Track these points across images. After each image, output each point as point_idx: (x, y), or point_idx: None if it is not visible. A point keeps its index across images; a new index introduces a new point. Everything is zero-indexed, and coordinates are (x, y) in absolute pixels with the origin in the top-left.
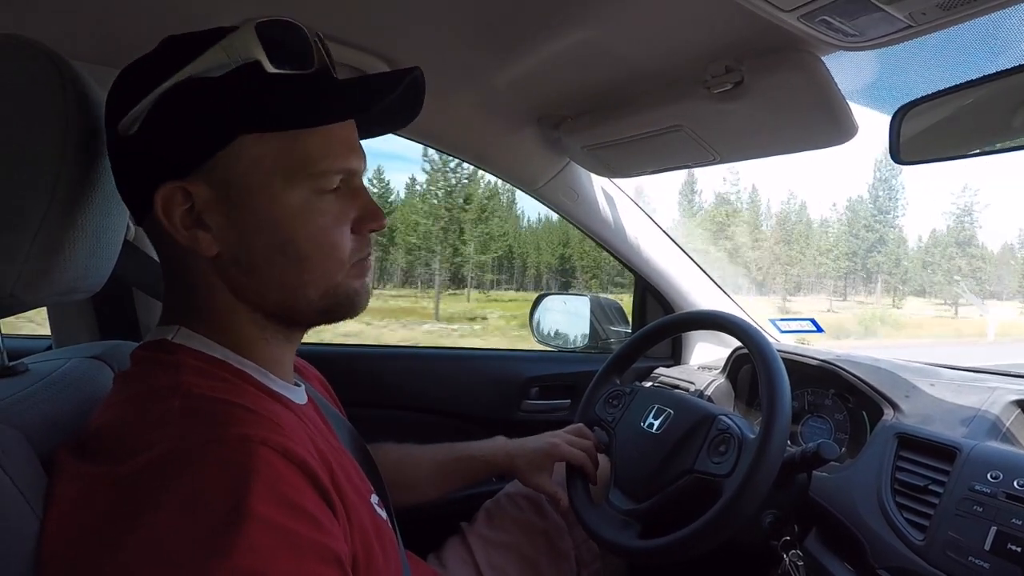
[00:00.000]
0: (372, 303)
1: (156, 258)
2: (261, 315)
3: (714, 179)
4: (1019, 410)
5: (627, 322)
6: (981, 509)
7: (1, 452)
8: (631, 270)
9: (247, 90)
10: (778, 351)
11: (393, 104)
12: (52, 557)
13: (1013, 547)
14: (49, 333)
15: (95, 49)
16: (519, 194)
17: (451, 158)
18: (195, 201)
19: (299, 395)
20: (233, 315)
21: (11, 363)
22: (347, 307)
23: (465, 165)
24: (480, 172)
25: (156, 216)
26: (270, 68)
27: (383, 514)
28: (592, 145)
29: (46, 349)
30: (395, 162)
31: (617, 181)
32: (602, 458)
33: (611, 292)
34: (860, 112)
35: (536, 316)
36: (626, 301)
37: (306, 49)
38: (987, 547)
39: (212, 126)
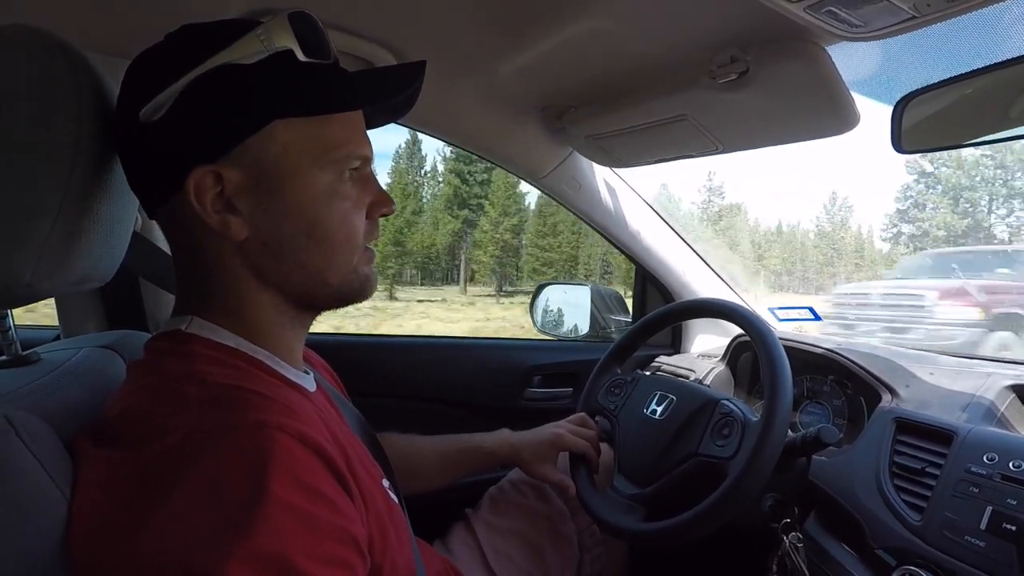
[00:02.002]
0: None
1: (163, 248)
2: (281, 299)
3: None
4: (1014, 395)
5: (627, 311)
6: (977, 490)
7: (29, 438)
8: (632, 259)
9: (281, 77)
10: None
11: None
12: (79, 540)
13: (1008, 526)
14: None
15: (106, 39)
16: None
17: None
18: (225, 185)
19: (309, 382)
20: (253, 301)
21: (24, 352)
22: (360, 292)
23: None
24: None
25: (188, 200)
26: (302, 57)
27: (394, 497)
28: (596, 135)
29: (54, 339)
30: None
31: (619, 171)
32: (604, 447)
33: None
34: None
35: (537, 306)
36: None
37: (325, 41)
38: (983, 527)
39: (247, 111)
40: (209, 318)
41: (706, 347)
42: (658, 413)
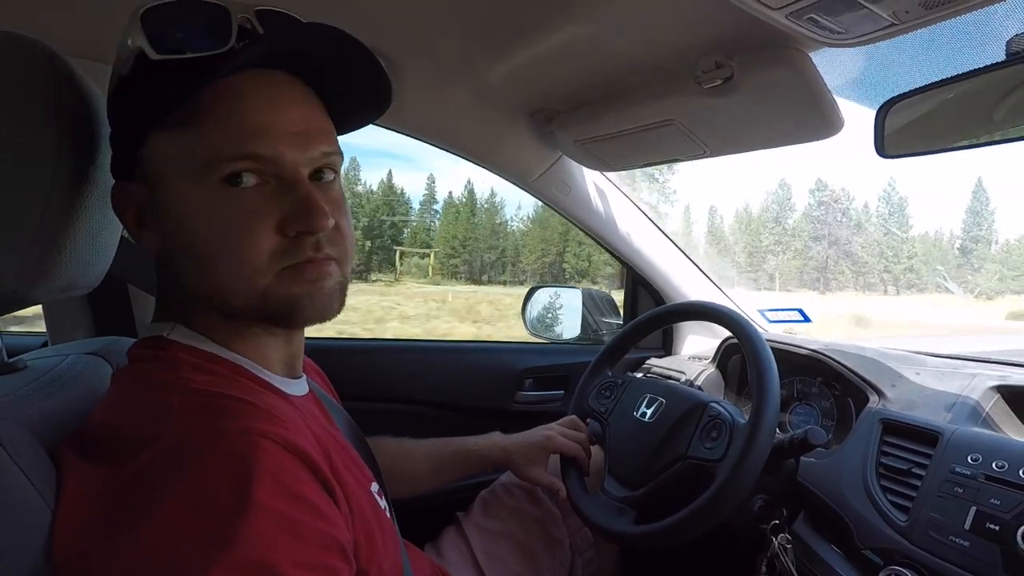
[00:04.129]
0: None
1: None
2: (221, 312)
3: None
4: (998, 395)
5: (618, 314)
6: (961, 490)
7: (12, 447)
8: (622, 262)
9: (141, 82)
10: (767, 340)
11: (349, 86)
12: (63, 550)
13: (991, 526)
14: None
15: (89, 45)
16: None
17: None
18: (135, 200)
19: (297, 387)
20: (202, 310)
21: (10, 360)
22: (289, 315)
23: None
24: None
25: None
26: (154, 55)
27: (383, 503)
28: (584, 139)
29: (41, 346)
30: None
31: (609, 174)
32: (595, 449)
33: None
34: (846, 107)
35: (528, 308)
36: None
37: (216, 27)
38: (967, 526)
39: (124, 125)
40: (190, 325)
41: (697, 349)
42: (648, 416)
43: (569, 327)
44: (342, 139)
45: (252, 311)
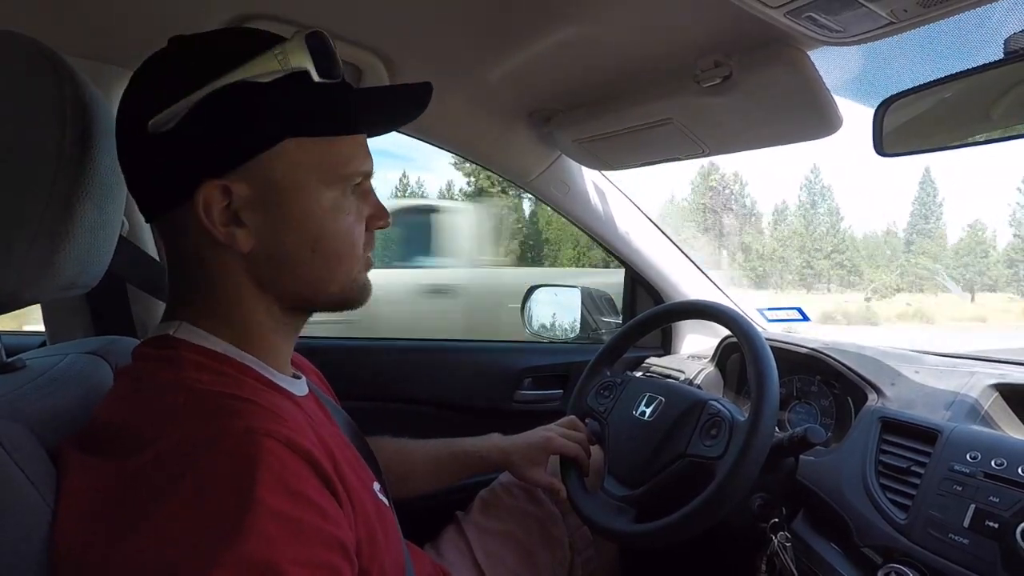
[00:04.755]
0: None
1: (149, 253)
2: (279, 307)
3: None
4: (997, 393)
5: (617, 313)
6: (960, 488)
7: (10, 446)
8: (621, 261)
9: (296, 97)
10: (766, 339)
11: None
12: (65, 548)
13: (990, 523)
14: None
15: (90, 45)
16: None
17: None
18: (234, 199)
19: (299, 387)
20: (248, 307)
21: (8, 359)
22: (358, 299)
23: None
24: None
25: (195, 212)
26: (317, 78)
27: (385, 501)
28: (583, 139)
29: (39, 346)
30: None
31: (608, 174)
32: (595, 449)
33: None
34: (844, 105)
35: (527, 308)
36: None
37: (336, 61)
38: (966, 524)
39: (261, 129)
40: (198, 323)
41: (696, 348)
42: (647, 414)
43: (568, 326)
44: None
45: (340, 294)
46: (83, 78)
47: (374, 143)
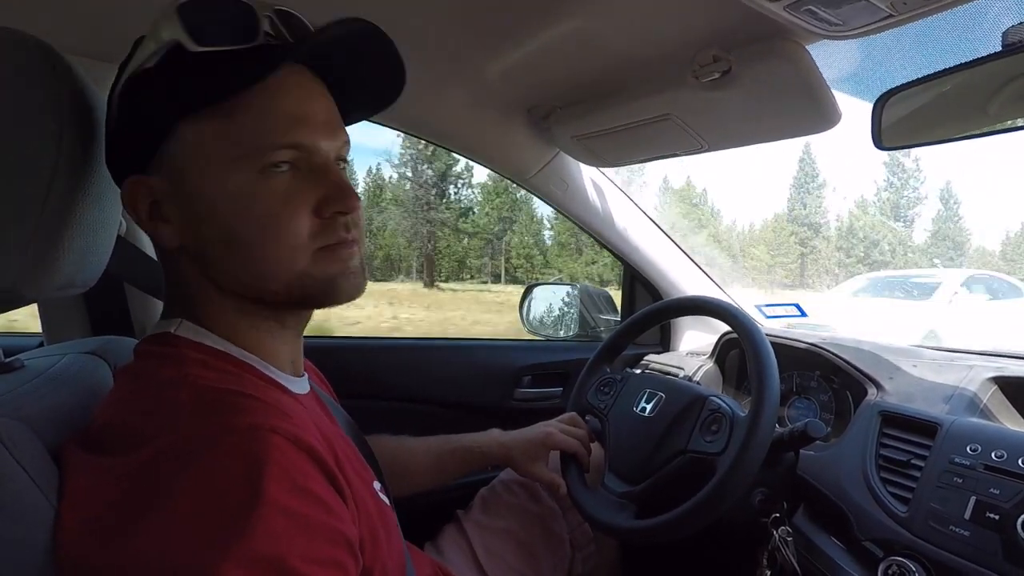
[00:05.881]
0: None
1: (147, 253)
2: (242, 304)
3: None
4: (995, 387)
5: (616, 310)
6: (961, 480)
7: (12, 444)
8: (620, 258)
9: (176, 74)
10: (765, 335)
11: (362, 75)
12: (69, 548)
13: (991, 515)
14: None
15: (87, 43)
16: None
17: None
18: (154, 194)
19: (300, 385)
20: (219, 305)
21: (7, 359)
22: (326, 295)
23: None
24: None
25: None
26: (193, 47)
27: (386, 500)
28: (581, 135)
29: (37, 346)
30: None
31: (606, 170)
32: (595, 446)
33: None
34: (843, 99)
35: (526, 306)
36: None
37: (246, 23)
38: (967, 516)
39: (151, 117)
40: (196, 321)
41: (695, 345)
42: (647, 411)
43: (567, 324)
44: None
45: (290, 293)
46: (81, 76)
47: None
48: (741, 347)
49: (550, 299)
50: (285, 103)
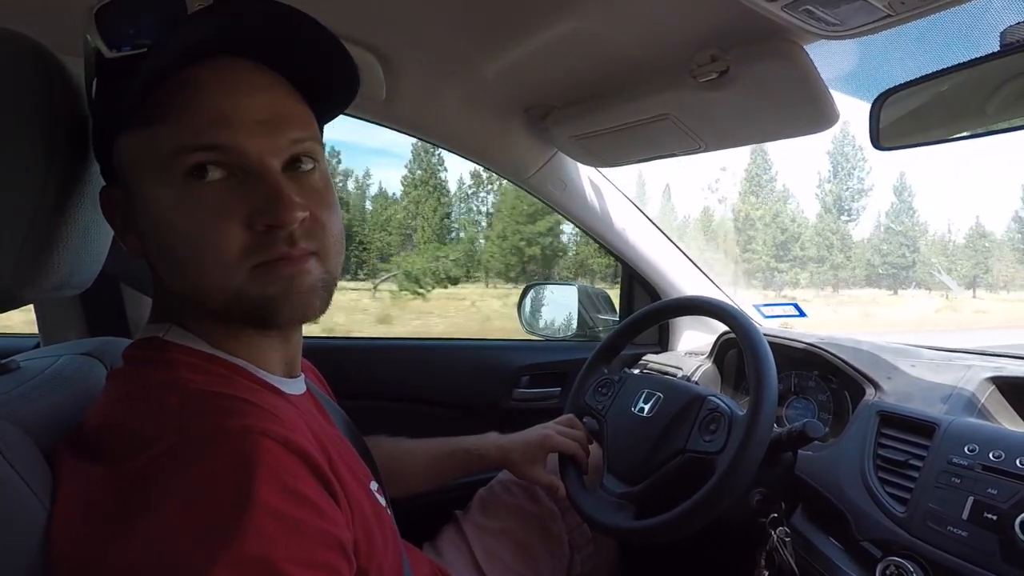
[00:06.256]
0: None
1: None
2: (210, 312)
3: None
4: (993, 387)
5: (614, 310)
6: (959, 481)
7: (5, 447)
8: (618, 258)
9: (102, 83)
10: (763, 335)
11: (314, 68)
12: (61, 551)
13: (989, 515)
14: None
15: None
16: None
17: None
18: (120, 204)
19: (295, 386)
20: (194, 311)
21: (2, 361)
22: (269, 315)
23: None
24: None
25: None
26: (108, 53)
27: (383, 500)
28: (579, 135)
29: (33, 347)
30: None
31: (604, 170)
32: (593, 447)
33: None
34: (841, 99)
35: (524, 306)
36: None
37: (131, 25)
38: (965, 516)
39: (97, 130)
40: (184, 327)
41: (693, 345)
42: (646, 411)
43: (565, 324)
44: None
45: (229, 312)
46: (75, 76)
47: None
48: (739, 347)
49: (548, 299)
50: (202, 101)
